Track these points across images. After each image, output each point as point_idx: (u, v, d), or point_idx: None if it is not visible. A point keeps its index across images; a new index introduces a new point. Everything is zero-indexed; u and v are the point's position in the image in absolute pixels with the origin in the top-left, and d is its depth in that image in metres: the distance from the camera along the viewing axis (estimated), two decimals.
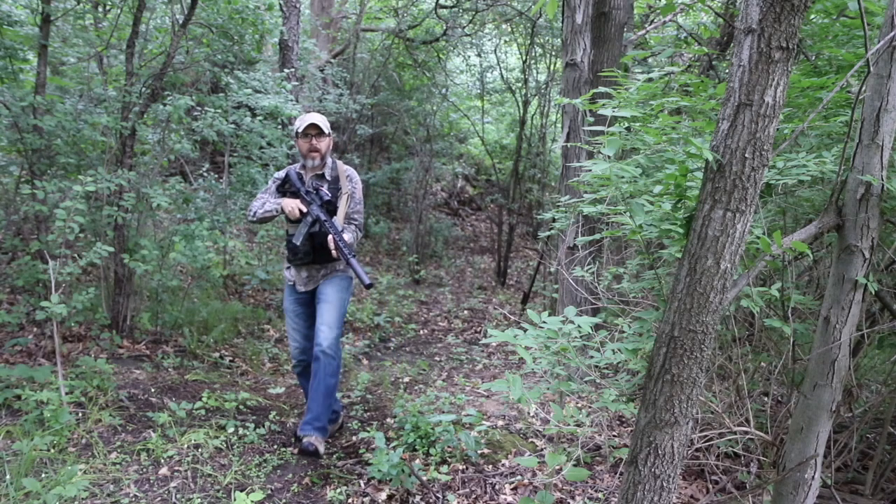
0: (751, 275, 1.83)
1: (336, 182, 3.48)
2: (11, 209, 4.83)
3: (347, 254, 3.24)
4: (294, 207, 3.29)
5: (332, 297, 3.43)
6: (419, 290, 8.77)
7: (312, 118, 3.36)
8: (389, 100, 10.70)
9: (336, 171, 3.50)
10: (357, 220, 3.53)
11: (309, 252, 3.40)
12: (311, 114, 3.38)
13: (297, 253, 3.39)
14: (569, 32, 4.93)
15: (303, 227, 3.33)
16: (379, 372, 5.17)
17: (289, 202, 3.32)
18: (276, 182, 3.54)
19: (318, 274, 3.50)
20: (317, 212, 3.31)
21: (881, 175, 1.85)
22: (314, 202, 3.34)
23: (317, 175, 3.48)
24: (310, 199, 3.36)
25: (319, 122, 3.37)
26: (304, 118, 3.38)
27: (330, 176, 3.48)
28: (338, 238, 3.24)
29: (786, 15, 1.46)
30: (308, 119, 3.36)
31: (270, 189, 3.55)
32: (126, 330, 5.00)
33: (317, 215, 3.30)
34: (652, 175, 2.29)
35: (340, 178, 3.48)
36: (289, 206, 3.30)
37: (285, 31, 7.00)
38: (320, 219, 3.30)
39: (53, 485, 2.80)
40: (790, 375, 2.51)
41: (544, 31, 9.54)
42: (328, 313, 3.37)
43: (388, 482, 3.01)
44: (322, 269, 3.49)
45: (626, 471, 1.83)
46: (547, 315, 2.17)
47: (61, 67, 6.44)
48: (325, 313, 3.37)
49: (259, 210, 3.41)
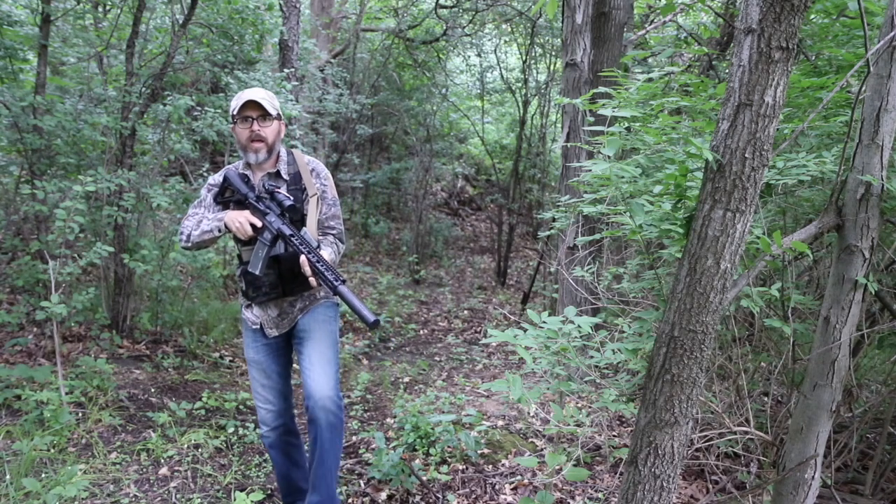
0: (751, 275, 1.83)
1: (297, 180, 2.52)
2: (11, 209, 4.84)
3: (333, 280, 2.25)
4: (243, 222, 2.32)
5: (318, 331, 2.49)
6: (419, 290, 8.77)
7: (251, 93, 2.42)
8: (389, 100, 10.70)
9: (295, 165, 2.54)
10: (335, 229, 2.58)
11: (276, 283, 2.43)
12: (249, 89, 2.47)
13: (260, 286, 2.42)
14: (569, 32, 4.93)
15: (260, 248, 2.34)
16: (379, 372, 5.17)
17: (234, 216, 2.35)
18: (211, 190, 2.55)
19: (293, 309, 2.52)
20: (277, 224, 2.33)
21: (881, 175, 1.85)
22: (271, 211, 2.37)
23: (269, 174, 2.52)
24: (264, 207, 2.38)
25: (261, 99, 2.41)
26: (241, 95, 2.45)
27: (288, 173, 2.52)
28: (314, 258, 2.27)
29: (786, 15, 1.46)
30: (245, 96, 2.41)
31: (205, 200, 2.55)
32: (126, 330, 5.00)
33: (278, 229, 2.32)
34: (652, 175, 2.29)
35: (303, 174, 2.51)
36: (235, 222, 2.33)
37: (285, 31, 7.00)
38: (283, 233, 2.31)
39: (53, 485, 2.80)
40: (790, 375, 2.51)
41: (544, 31, 9.54)
42: (318, 353, 2.46)
43: (388, 482, 3.01)
44: (298, 301, 2.52)
45: (626, 471, 1.83)
46: (547, 315, 2.17)
47: (61, 67, 6.44)
48: (313, 354, 2.45)
49: (193, 232, 2.45)
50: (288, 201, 2.37)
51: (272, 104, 2.46)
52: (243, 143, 2.46)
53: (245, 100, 2.41)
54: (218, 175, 2.57)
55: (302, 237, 2.32)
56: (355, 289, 8.09)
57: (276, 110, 2.47)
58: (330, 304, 2.59)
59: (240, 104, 2.43)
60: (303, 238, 2.32)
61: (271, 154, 2.50)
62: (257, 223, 2.35)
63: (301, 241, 2.30)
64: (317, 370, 2.41)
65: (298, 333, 2.52)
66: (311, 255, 2.27)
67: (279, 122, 2.51)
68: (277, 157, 2.54)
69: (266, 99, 2.44)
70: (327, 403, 2.36)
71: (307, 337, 2.49)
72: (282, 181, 2.52)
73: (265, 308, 2.52)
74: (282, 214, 2.37)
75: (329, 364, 2.45)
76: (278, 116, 2.49)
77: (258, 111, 2.43)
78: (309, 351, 2.46)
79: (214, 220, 2.42)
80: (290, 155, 2.58)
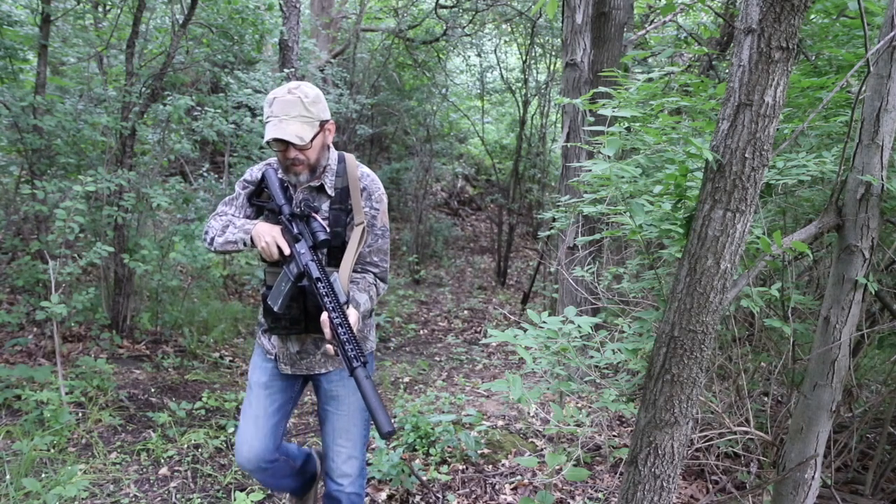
0: (751, 275, 1.83)
1: (344, 198, 2.04)
2: (11, 209, 4.84)
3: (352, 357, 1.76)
4: (270, 242, 1.94)
5: (349, 399, 2.12)
6: (419, 290, 8.77)
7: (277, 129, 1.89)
8: (389, 100, 10.70)
9: (345, 178, 2.06)
10: (379, 267, 2.11)
11: (299, 319, 2.02)
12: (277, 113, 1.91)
13: (279, 319, 2.03)
14: (569, 32, 4.93)
15: (283, 281, 1.96)
16: (379, 372, 5.17)
17: (263, 231, 1.97)
18: (246, 187, 2.16)
19: (316, 350, 2.12)
20: (306, 259, 1.91)
21: (881, 175, 1.85)
22: (304, 238, 1.95)
23: (311, 188, 2.07)
24: (297, 230, 1.97)
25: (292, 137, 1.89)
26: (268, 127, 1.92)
27: (334, 188, 2.05)
28: (337, 318, 1.80)
29: (786, 15, 1.46)
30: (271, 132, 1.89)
31: (238, 199, 2.17)
32: (126, 330, 5.00)
33: (305, 265, 1.91)
34: (652, 175, 2.29)
35: (352, 191, 2.03)
36: (262, 240, 1.95)
37: (285, 31, 7.00)
38: (310, 274, 1.89)
39: (53, 485, 2.80)
40: (790, 375, 2.51)
41: (544, 31, 9.54)
42: (347, 431, 2.13)
43: (388, 482, 3.01)
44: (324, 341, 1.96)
45: (626, 471, 1.83)
46: (547, 315, 2.17)
47: (61, 67, 6.44)
48: (341, 430, 2.13)
49: (218, 237, 2.07)
50: (322, 234, 1.94)
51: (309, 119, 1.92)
52: (281, 163, 2.02)
53: (271, 136, 1.89)
54: (256, 170, 2.15)
55: (331, 285, 1.84)
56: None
57: (316, 122, 1.94)
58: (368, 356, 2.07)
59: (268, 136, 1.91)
60: (331, 287, 1.84)
61: (315, 172, 2.02)
62: (286, 249, 1.94)
63: (327, 291, 1.83)
64: (344, 452, 2.13)
65: (325, 394, 2.14)
66: (334, 313, 1.79)
67: (324, 130, 1.99)
68: (323, 168, 2.05)
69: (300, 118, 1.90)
70: (351, 489, 2.14)
71: (336, 405, 2.13)
72: (324, 198, 2.05)
73: (285, 341, 2.12)
74: (313, 247, 1.94)
75: (358, 443, 2.14)
76: (321, 126, 1.97)
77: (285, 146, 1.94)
78: (336, 424, 2.13)
79: (241, 230, 2.03)
80: (342, 163, 2.06)
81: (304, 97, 1.92)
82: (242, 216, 2.15)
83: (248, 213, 2.16)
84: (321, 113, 1.97)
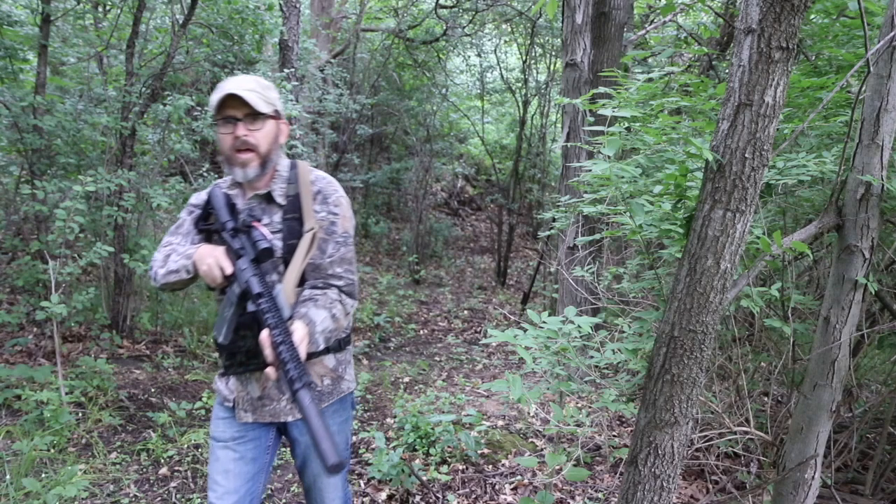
0: (751, 275, 1.83)
1: (297, 207, 1.79)
2: (11, 209, 4.84)
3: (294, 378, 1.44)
4: (212, 264, 1.65)
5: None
6: (419, 290, 8.77)
7: (233, 84, 1.72)
8: (389, 100, 10.71)
9: (298, 185, 1.81)
10: (343, 279, 1.79)
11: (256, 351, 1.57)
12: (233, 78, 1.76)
13: (234, 355, 1.71)
14: (569, 32, 4.93)
15: (226, 307, 1.66)
16: (379, 372, 5.17)
17: (205, 254, 1.69)
18: (192, 212, 1.90)
19: (281, 396, 1.81)
20: (248, 275, 1.62)
21: (881, 175, 1.85)
22: (246, 252, 1.67)
23: (258, 197, 1.81)
24: (240, 245, 1.69)
25: (247, 91, 1.70)
26: (221, 86, 1.74)
27: (285, 195, 1.81)
28: (279, 336, 1.50)
29: (786, 15, 1.46)
30: (226, 87, 1.71)
31: (184, 226, 1.89)
32: (126, 330, 5.00)
33: (246, 282, 1.61)
34: (652, 175, 2.29)
35: (303, 197, 1.79)
36: (204, 264, 1.67)
37: (285, 31, 7.00)
38: (250, 290, 1.60)
39: (53, 485, 2.80)
40: (790, 375, 2.51)
41: (544, 31, 9.54)
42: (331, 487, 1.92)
43: (388, 482, 3.01)
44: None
45: (626, 471, 1.83)
46: (547, 315, 2.17)
47: (61, 67, 6.44)
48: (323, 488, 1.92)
49: (160, 269, 1.78)
50: (263, 243, 1.64)
51: (265, 97, 1.75)
52: (227, 152, 1.76)
53: (225, 93, 1.69)
54: (203, 193, 1.89)
55: (274, 300, 1.57)
56: None
57: (271, 106, 1.76)
58: (340, 401, 1.90)
59: (219, 99, 1.71)
60: (274, 302, 1.57)
61: (266, 168, 1.78)
62: (227, 269, 1.65)
63: (269, 307, 1.55)
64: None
65: (299, 445, 1.88)
66: (276, 330, 1.50)
67: (278, 122, 1.81)
68: (274, 172, 1.82)
69: (255, 91, 1.73)
70: None
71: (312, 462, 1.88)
72: (275, 209, 1.80)
73: (245, 382, 1.80)
74: (254, 260, 1.65)
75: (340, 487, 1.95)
76: (276, 115, 1.79)
77: (244, 109, 1.72)
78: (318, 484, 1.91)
79: (183, 256, 1.75)
80: (294, 169, 1.84)
81: (258, 81, 1.78)
82: (189, 244, 1.85)
83: (195, 240, 1.86)
84: (276, 102, 1.81)
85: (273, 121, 1.79)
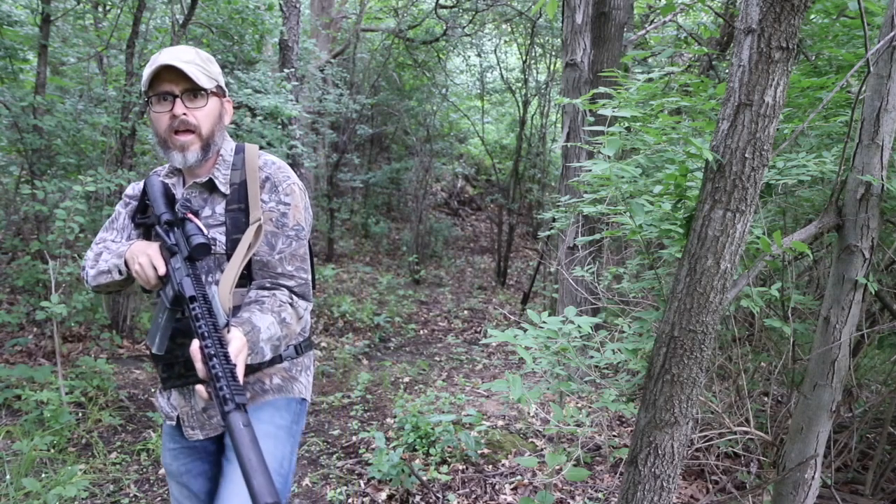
0: (751, 275, 1.83)
1: (243, 197, 1.57)
2: (11, 209, 4.84)
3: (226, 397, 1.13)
4: (144, 264, 1.46)
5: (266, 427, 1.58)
6: (419, 290, 8.77)
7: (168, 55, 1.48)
8: (389, 100, 10.71)
9: (243, 170, 1.60)
10: (294, 279, 1.57)
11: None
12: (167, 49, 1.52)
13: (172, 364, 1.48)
14: (569, 32, 4.93)
15: (159, 312, 1.46)
16: (379, 372, 5.17)
17: (138, 252, 1.49)
18: (127, 204, 1.70)
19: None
20: (181, 275, 1.40)
21: (881, 175, 1.85)
22: (180, 250, 1.45)
23: (196, 185, 1.61)
24: (174, 241, 1.48)
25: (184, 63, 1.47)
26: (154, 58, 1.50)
27: (229, 183, 1.59)
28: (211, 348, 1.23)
29: (786, 15, 1.46)
30: (160, 59, 1.48)
31: (119, 220, 1.70)
32: (126, 330, 5.00)
33: (179, 284, 1.39)
34: (652, 175, 2.29)
35: (250, 183, 1.57)
36: (135, 263, 1.48)
37: (285, 31, 7.00)
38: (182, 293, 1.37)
39: (53, 485, 2.80)
40: (790, 375, 2.51)
41: (544, 31, 9.54)
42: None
43: (388, 482, 3.01)
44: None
45: (626, 471, 1.83)
46: (547, 315, 2.17)
47: (61, 67, 6.44)
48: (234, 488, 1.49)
49: (90, 269, 1.59)
50: (198, 238, 1.42)
51: (206, 71, 1.52)
52: (162, 134, 1.54)
53: (159, 65, 1.46)
54: (138, 184, 1.70)
55: (208, 304, 1.33)
56: (355, 289, 8.09)
57: (213, 81, 1.54)
58: (287, 402, 1.65)
59: (152, 72, 1.48)
60: (208, 306, 1.33)
61: (208, 152, 1.56)
62: (161, 268, 1.45)
63: (202, 312, 1.30)
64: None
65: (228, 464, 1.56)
66: (208, 340, 1.24)
67: (220, 99, 1.59)
68: (217, 157, 1.60)
69: (195, 63, 1.50)
70: None
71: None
72: (218, 198, 1.58)
73: (187, 396, 1.60)
74: (187, 259, 1.43)
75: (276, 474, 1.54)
76: (219, 91, 1.57)
77: (183, 83, 1.49)
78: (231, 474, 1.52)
79: (115, 254, 1.55)
80: (241, 154, 1.62)
81: (199, 53, 1.55)
82: (125, 240, 1.64)
83: (132, 235, 1.65)
84: (218, 77, 1.58)
85: (216, 98, 1.57)
